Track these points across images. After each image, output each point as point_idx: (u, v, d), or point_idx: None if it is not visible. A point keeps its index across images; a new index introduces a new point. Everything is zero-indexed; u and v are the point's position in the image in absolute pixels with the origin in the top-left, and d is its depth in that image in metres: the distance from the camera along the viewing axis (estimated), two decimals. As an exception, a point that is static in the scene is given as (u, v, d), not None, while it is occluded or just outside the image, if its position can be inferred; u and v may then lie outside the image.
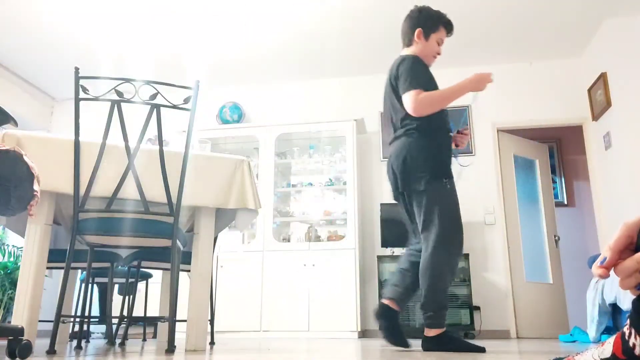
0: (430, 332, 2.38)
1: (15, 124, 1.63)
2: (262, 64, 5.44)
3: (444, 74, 5.48)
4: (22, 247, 4.19)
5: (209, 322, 2.53)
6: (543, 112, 5.21)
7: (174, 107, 2.17)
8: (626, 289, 0.58)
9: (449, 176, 2.51)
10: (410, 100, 2.46)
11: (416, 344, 2.62)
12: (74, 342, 3.25)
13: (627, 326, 0.59)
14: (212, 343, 2.93)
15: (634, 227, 0.60)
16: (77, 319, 3.07)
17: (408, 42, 2.69)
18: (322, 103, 5.66)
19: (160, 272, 3.43)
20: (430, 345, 2.36)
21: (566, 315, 5.06)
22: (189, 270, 2.93)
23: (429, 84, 2.52)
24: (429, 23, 2.63)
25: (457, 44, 5.01)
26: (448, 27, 2.66)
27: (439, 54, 2.66)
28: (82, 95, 2.11)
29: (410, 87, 2.47)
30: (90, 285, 3.36)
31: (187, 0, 4.33)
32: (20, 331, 1.58)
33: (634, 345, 0.58)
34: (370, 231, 5.20)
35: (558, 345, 3.16)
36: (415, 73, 2.51)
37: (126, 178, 2.13)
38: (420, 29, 2.63)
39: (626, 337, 0.59)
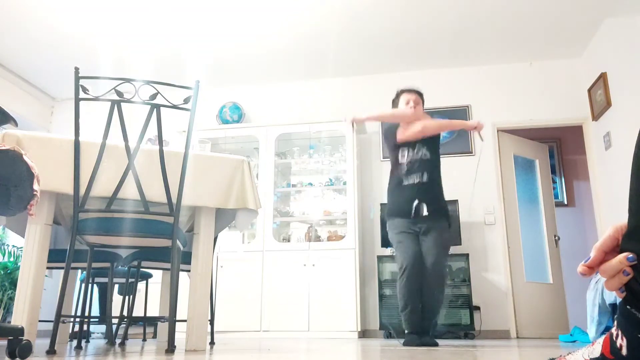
0: None
1: (15, 124, 1.63)
2: (262, 64, 5.44)
3: (445, 73, 5.52)
4: (22, 247, 4.19)
5: (209, 322, 2.52)
6: (543, 112, 5.21)
7: (174, 107, 2.17)
8: (611, 290, 0.59)
9: (389, 217, 3.37)
10: None
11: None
12: (74, 342, 3.25)
13: (615, 327, 0.60)
14: (212, 343, 2.93)
15: (620, 229, 0.60)
16: (77, 319, 3.06)
17: None
18: (322, 103, 5.66)
19: (160, 272, 3.43)
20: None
21: (566, 315, 5.06)
22: (189, 270, 2.93)
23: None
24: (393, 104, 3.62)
25: (457, 44, 5.01)
26: (402, 91, 3.50)
27: (412, 108, 3.39)
28: (82, 95, 2.11)
29: None
30: (90, 285, 3.36)
31: None
32: (20, 331, 1.58)
33: (621, 346, 0.59)
34: (370, 231, 5.20)
35: (558, 345, 3.16)
36: None
37: (126, 178, 2.13)
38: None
39: (614, 338, 0.60)
